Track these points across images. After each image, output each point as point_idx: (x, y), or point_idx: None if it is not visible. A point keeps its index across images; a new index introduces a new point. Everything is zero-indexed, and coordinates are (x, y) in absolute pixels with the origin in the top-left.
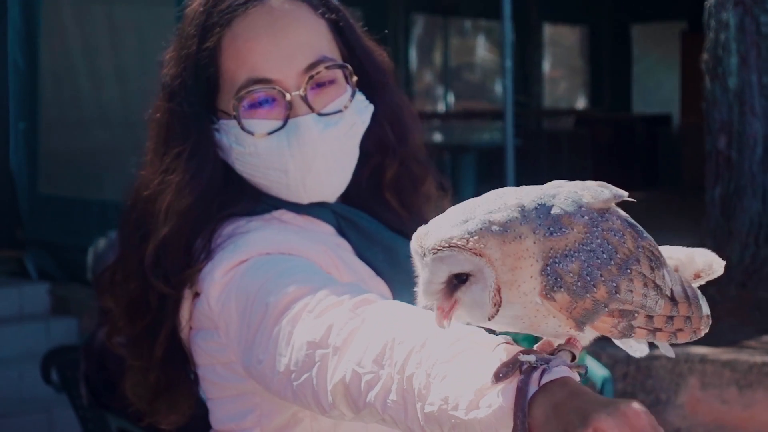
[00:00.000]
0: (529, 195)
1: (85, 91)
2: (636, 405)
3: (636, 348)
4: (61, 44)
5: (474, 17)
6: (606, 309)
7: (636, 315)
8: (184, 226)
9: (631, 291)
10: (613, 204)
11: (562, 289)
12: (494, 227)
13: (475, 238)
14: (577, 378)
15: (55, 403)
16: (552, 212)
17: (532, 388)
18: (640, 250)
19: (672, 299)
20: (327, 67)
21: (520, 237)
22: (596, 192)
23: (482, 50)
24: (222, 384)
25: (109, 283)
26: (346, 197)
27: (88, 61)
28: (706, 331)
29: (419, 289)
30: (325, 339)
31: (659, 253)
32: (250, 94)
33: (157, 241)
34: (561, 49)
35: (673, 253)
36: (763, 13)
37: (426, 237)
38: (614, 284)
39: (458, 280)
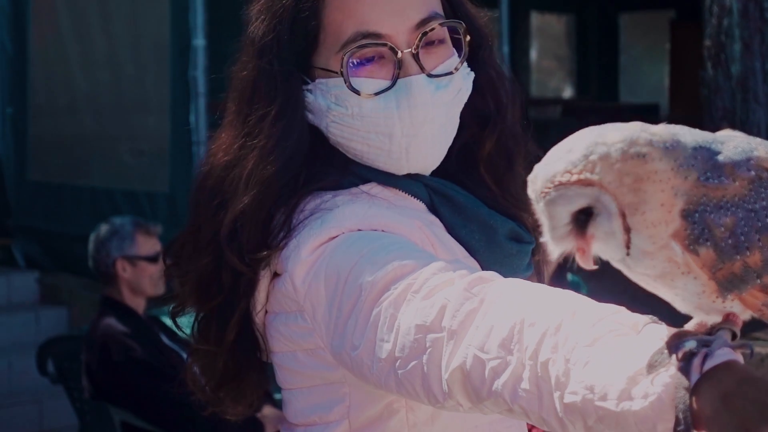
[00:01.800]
0: (692, 133)
1: (76, 75)
2: None
3: None
4: (52, 28)
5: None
6: (758, 281)
7: None
8: (267, 197)
9: None
10: None
11: (708, 243)
12: (601, 147)
13: (578, 168)
14: (742, 360)
15: (46, 394)
16: (715, 158)
17: (694, 375)
18: None
19: None
20: (441, 24)
21: (643, 156)
22: None
23: None
24: (304, 372)
25: (177, 257)
26: (434, 172)
27: (79, 46)
28: None
29: (547, 240)
30: (438, 322)
31: None
32: (359, 50)
33: (235, 211)
34: (548, 38)
35: None
36: None
37: (535, 180)
38: None
39: (585, 215)
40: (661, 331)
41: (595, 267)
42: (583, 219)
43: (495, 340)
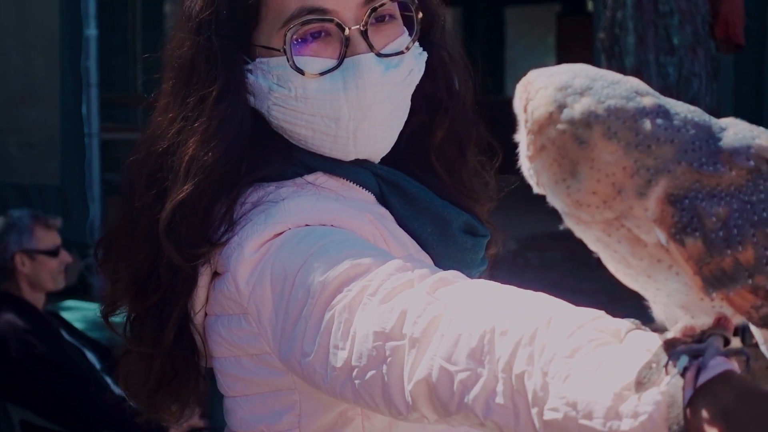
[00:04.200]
0: (690, 112)
1: None
2: None
3: None
4: None
5: None
6: (749, 281)
7: None
8: (209, 186)
9: None
10: None
11: (697, 234)
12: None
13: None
14: (738, 369)
15: None
16: (713, 144)
17: (687, 391)
18: None
19: None
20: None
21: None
22: None
23: None
24: (249, 379)
25: (109, 253)
26: (383, 160)
27: None
28: None
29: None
30: (398, 329)
31: None
32: (303, 26)
33: (175, 201)
34: None
35: None
36: None
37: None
38: (767, 252)
39: None
40: (646, 339)
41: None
42: None
43: (463, 350)
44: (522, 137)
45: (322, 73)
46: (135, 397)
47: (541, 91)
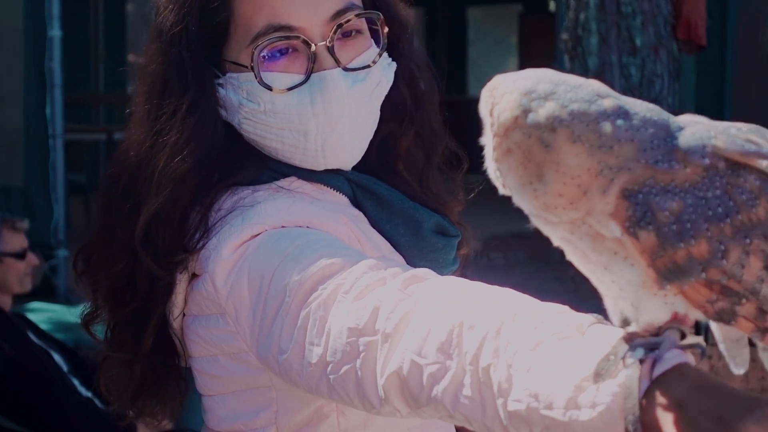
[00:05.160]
0: (648, 110)
1: None
2: None
3: (737, 358)
4: None
5: None
6: (703, 274)
7: (744, 301)
8: (181, 195)
9: (743, 266)
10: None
11: (650, 227)
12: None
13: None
14: (693, 361)
15: None
16: (669, 142)
17: (643, 383)
18: None
19: None
20: (357, 15)
21: (552, 129)
22: (734, 141)
23: None
24: (227, 377)
25: (88, 263)
26: (355, 167)
27: None
28: None
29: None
30: (371, 324)
31: None
32: (270, 42)
33: (149, 212)
34: None
35: None
36: None
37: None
38: (722, 246)
39: None
40: (606, 333)
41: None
42: None
43: (433, 344)
44: (488, 140)
45: (290, 89)
46: (118, 401)
47: (507, 95)
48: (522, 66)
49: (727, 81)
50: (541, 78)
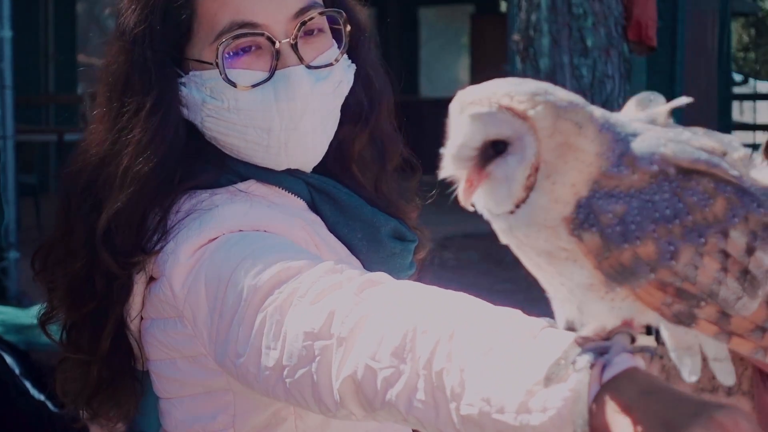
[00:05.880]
0: (620, 120)
1: None
2: (733, 410)
3: (689, 366)
4: None
5: None
6: (652, 275)
7: (703, 304)
8: (143, 196)
9: (697, 267)
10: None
11: (594, 229)
12: (549, 95)
13: (523, 97)
14: (643, 365)
15: None
16: (622, 148)
17: (593, 387)
18: (736, 221)
19: None
20: (320, 13)
21: (580, 127)
22: (684, 149)
23: None
24: (184, 380)
25: (45, 262)
26: (314, 169)
27: None
28: None
29: (448, 154)
30: (327, 328)
31: None
32: (234, 40)
33: (111, 211)
34: None
35: None
36: None
37: (467, 93)
38: (672, 247)
39: (495, 151)
40: (558, 337)
41: (471, 208)
42: (491, 154)
43: (387, 349)
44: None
45: (254, 86)
46: (73, 402)
47: (518, 96)
48: (474, 66)
49: (678, 81)
50: (520, 82)
